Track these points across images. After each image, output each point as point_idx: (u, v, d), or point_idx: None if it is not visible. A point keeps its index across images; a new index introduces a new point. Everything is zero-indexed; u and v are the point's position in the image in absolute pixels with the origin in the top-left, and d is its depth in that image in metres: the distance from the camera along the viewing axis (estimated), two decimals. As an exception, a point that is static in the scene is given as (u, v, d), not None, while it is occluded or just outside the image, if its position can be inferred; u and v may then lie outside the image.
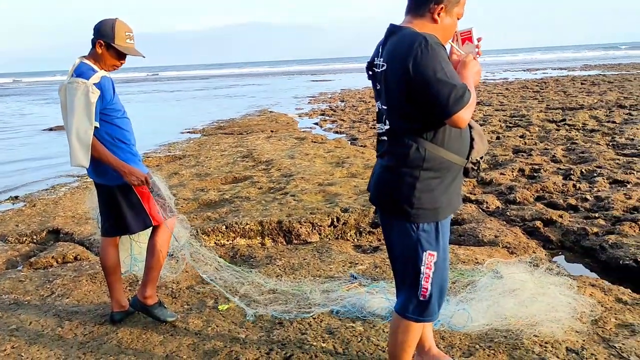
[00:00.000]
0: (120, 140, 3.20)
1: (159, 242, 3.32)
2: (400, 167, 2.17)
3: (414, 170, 2.14)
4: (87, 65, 3.13)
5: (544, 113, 12.92)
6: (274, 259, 4.45)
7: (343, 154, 8.64)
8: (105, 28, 3.14)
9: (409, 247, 2.21)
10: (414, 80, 2.02)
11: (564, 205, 5.80)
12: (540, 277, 3.57)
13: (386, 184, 2.25)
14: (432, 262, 2.20)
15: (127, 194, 3.22)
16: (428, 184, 2.15)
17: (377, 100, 2.29)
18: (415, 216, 2.16)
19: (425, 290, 2.22)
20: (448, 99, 1.99)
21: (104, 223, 3.40)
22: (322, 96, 24.45)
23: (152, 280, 3.36)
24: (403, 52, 2.04)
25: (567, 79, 24.37)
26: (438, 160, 2.14)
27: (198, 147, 10.80)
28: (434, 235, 2.20)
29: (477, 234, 4.90)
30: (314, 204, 5.61)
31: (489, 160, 8.07)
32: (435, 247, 2.20)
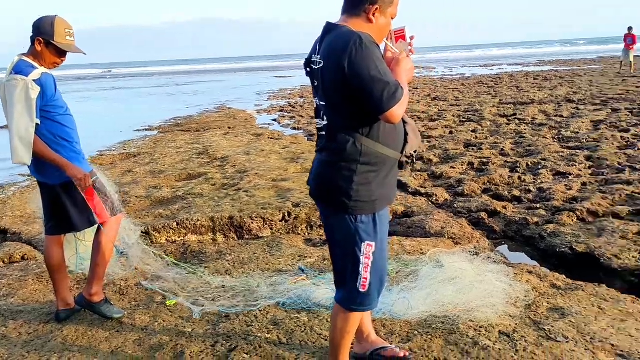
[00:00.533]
0: (62, 138, 3.19)
1: (104, 240, 3.32)
2: (338, 161, 2.25)
3: (351, 165, 2.22)
4: (26, 62, 3.10)
5: (496, 108, 13.27)
6: (224, 254, 4.49)
7: (298, 150, 8.71)
8: (45, 25, 3.12)
9: (348, 239, 2.29)
10: (349, 77, 2.10)
11: (508, 196, 6.02)
12: (479, 266, 3.74)
13: (325, 178, 2.32)
14: (370, 252, 2.29)
15: (70, 192, 3.21)
16: (365, 178, 2.24)
17: (315, 97, 2.37)
18: (353, 208, 2.25)
19: (365, 280, 2.31)
20: (381, 95, 2.08)
21: (48, 222, 3.38)
22: (282, 92, 24.45)
23: (98, 277, 3.36)
24: (339, 50, 2.11)
25: (521, 75, 25.02)
26: (374, 154, 2.23)
27: (154, 144, 10.69)
28: (372, 227, 2.29)
29: (424, 226, 5.05)
30: (266, 200, 5.67)
31: (440, 155, 8.27)
32: (374, 238, 2.29)
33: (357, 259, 2.29)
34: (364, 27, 2.20)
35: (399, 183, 6.72)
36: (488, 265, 3.75)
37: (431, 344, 2.88)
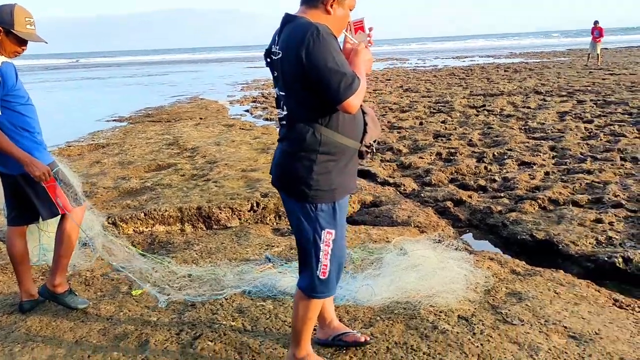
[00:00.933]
0: (23, 128, 3.15)
1: (67, 230, 3.30)
2: (298, 151, 2.29)
3: (310, 154, 2.26)
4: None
5: (466, 99, 13.44)
6: (192, 244, 4.50)
7: (269, 141, 8.72)
8: (3, 14, 3.06)
9: (309, 227, 2.34)
10: (307, 68, 2.13)
11: (474, 186, 6.14)
12: (442, 253, 3.82)
13: (285, 167, 2.36)
14: (330, 240, 2.34)
15: (31, 182, 3.18)
16: (325, 167, 2.28)
17: (275, 87, 2.40)
18: (313, 197, 2.29)
19: (324, 267, 2.36)
20: (338, 86, 2.13)
21: (10, 212, 3.35)
22: (256, 83, 24.33)
23: (61, 268, 3.34)
24: (297, 41, 2.15)
25: (492, 67, 25.33)
26: (333, 144, 2.27)
27: (123, 135, 10.57)
28: (332, 214, 2.33)
29: (391, 215, 5.13)
30: (235, 190, 5.68)
31: (410, 145, 8.37)
32: (333, 226, 2.34)
33: (318, 247, 2.34)
34: (322, 19, 2.24)
35: (368, 173, 6.82)
36: (450, 252, 3.83)
37: (392, 329, 2.96)
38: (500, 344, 2.77)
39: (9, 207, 3.33)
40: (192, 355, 2.79)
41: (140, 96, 20.54)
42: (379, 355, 2.70)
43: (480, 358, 2.64)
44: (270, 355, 2.76)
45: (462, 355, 2.67)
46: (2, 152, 3.06)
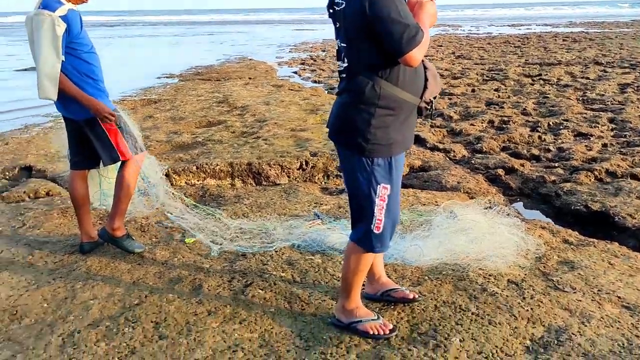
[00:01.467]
0: (87, 75, 3.24)
1: (127, 176, 3.41)
2: (357, 103, 2.28)
3: (369, 107, 2.25)
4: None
5: (521, 68, 13.03)
6: (242, 198, 4.58)
7: (318, 102, 8.70)
8: None
9: (365, 181, 2.34)
10: (370, 19, 2.11)
11: (527, 155, 6.00)
12: (492, 218, 3.76)
13: (343, 120, 2.36)
14: (385, 195, 2.34)
15: (94, 128, 3.28)
16: (383, 121, 2.27)
17: (337, 38, 2.38)
18: (370, 151, 2.29)
19: (379, 222, 2.37)
20: (401, 38, 2.09)
21: (73, 156, 3.48)
22: (304, 45, 24.19)
23: (120, 212, 3.47)
24: None
25: (550, 36, 24.39)
26: (392, 98, 2.25)
27: (174, 91, 10.74)
28: (388, 170, 2.33)
29: (440, 180, 5.08)
30: (284, 148, 5.73)
31: (461, 112, 8.21)
32: (389, 181, 2.34)
33: (373, 201, 2.34)
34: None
35: (417, 138, 6.73)
36: (501, 218, 3.78)
37: (440, 289, 2.96)
38: (550, 309, 2.74)
39: (73, 151, 3.46)
40: (244, 301, 2.88)
41: (190, 55, 20.73)
42: (427, 313, 2.72)
43: (530, 322, 2.63)
44: (319, 305, 2.82)
45: (512, 317, 2.66)
46: (68, 96, 3.16)
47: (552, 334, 2.52)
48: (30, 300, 2.93)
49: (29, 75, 14.66)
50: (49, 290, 3.03)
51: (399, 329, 2.57)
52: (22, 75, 15.00)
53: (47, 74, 3.05)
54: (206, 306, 2.83)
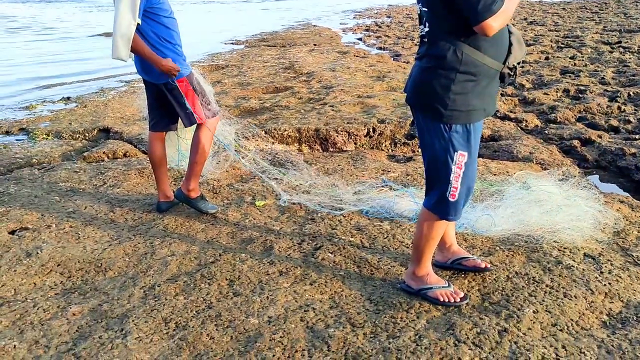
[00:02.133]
0: (166, 39, 3.32)
1: (202, 139, 3.51)
2: (437, 68, 2.24)
3: (450, 72, 2.21)
4: None
5: (599, 35, 12.34)
6: (310, 163, 4.63)
7: (384, 69, 8.58)
8: None
9: (442, 147, 2.31)
10: None
11: (605, 126, 5.73)
12: (568, 190, 3.64)
13: (422, 84, 2.32)
14: (462, 162, 2.30)
15: (172, 91, 3.38)
16: (463, 87, 2.22)
17: (419, 3, 2.34)
18: (448, 117, 2.25)
19: (455, 190, 2.33)
20: (477, 6, 2.03)
21: (152, 118, 3.60)
22: (368, 12, 23.79)
23: (195, 174, 3.58)
24: None
25: (631, 1, 22.89)
26: (474, 63, 2.19)
27: (241, 57, 10.86)
28: (466, 137, 2.28)
29: (512, 150, 4.95)
30: (351, 115, 5.71)
31: (534, 80, 7.90)
32: (466, 148, 2.29)
33: (449, 168, 2.31)
34: None
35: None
36: (577, 190, 3.65)
37: (512, 260, 2.92)
38: (630, 284, 2.65)
39: (152, 113, 3.58)
40: (314, 263, 2.94)
41: (255, 20, 20.81)
42: (498, 283, 2.69)
43: (608, 296, 2.55)
44: (388, 271, 2.84)
45: (588, 291, 2.59)
46: (143, 58, 3.25)
47: (631, 310, 2.45)
48: (113, 254, 3.10)
49: (103, 41, 15.18)
50: (130, 246, 3.19)
51: (470, 298, 2.56)
52: (96, 40, 15.53)
53: (122, 35, 3.11)
54: (277, 267, 2.90)
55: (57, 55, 12.70)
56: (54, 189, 4.12)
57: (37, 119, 6.41)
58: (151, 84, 3.44)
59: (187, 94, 3.40)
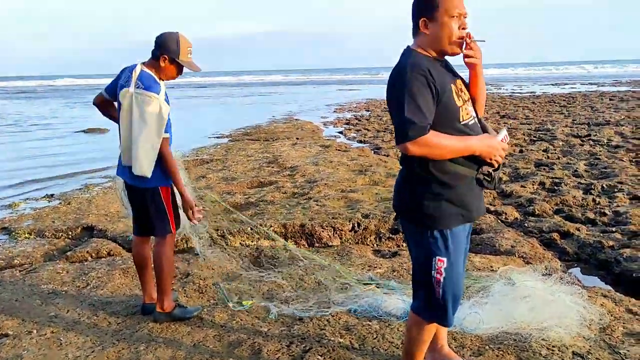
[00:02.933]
0: None
1: (167, 253, 3.46)
2: (412, 175, 2.34)
3: (423, 179, 2.29)
4: (151, 76, 3.27)
5: (569, 128, 12.92)
6: (296, 260, 4.64)
7: (366, 163, 8.81)
8: (171, 44, 3.28)
9: (421, 252, 2.36)
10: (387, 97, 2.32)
11: (582, 218, 5.89)
12: (552, 286, 3.69)
13: (401, 191, 2.42)
14: (442, 268, 2.31)
15: (155, 198, 3.39)
16: (437, 193, 2.28)
17: None
18: (424, 223, 2.31)
19: (437, 294, 2.35)
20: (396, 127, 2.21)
21: (134, 223, 3.58)
22: (348, 105, 24.67)
23: (166, 291, 3.48)
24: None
25: (596, 95, 24.16)
26: (445, 170, 2.26)
27: (225, 151, 11.08)
28: (443, 242, 2.30)
29: (494, 243, 5.03)
30: (336, 209, 5.80)
31: (510, 173, 8.16)
32: (446, 254, 2.31)
33: (429, 273, 2.33)
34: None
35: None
36: (561, 285, 3.70)
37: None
38: (621, 385, 2.65)
39: (134, 218, 3.56)
40: (304, 367, 2.89)
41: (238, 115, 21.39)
42: (490, 385, 2.66)
43: (600, 398, 2.54)
44: (380, 374, 2.80)
45: (581, 393, 2.58)
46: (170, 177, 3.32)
47: (625, 412, 2.43)
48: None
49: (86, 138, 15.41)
50: (114, 352, 3.12)
51: (463, 402, 2.53)
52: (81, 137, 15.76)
53: (146, 152, 3.18)
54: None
55: (41, 150, 12.83)
56: (35, 291, 4.05)
57: (19, 217, 6.38)
58: (136, 189, 3.42)
59: (167, 202, 3.43)
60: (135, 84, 3.23)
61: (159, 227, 3.44)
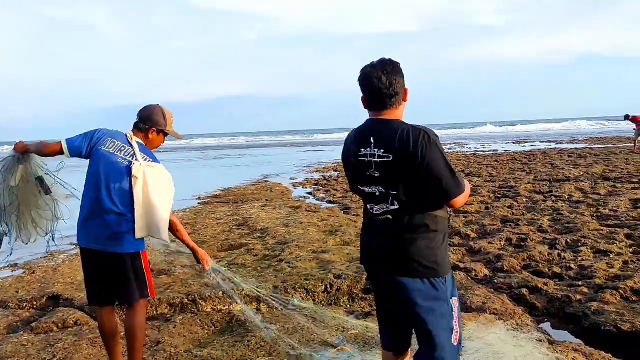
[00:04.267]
0: None
1: (141, 321, 3.45)
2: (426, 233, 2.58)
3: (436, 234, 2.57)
4: (146, 147, 3.46)
5: (531, 184, 13.32)
6: (270, 323, 4.59)
7: (336, 223, 8.88)
8: (158, 117, 3.48)
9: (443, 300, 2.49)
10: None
11: (549, 273, 6.02)
12: (522, 342, 3.75)
13: (409, 250, 2.58)
14: (457, 306, 2.55)
15: (135, 263, 3.38)
16: (444, 243, 2.58)
17: (371, 185, 2.61)
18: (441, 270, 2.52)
19: (456, 333, 2.52)
20: None
21: (96, 292, 3.48)
22: (316, 166, 24.96)
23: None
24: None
25: (555, 152, 25.06)
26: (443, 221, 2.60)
27: (194, 215, 11.01)
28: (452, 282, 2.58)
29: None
30: (308, 271, 5.81)
31: (477, 230, 8.32)
32: (457, 292, 2.60)
33: (452, 315, 2.49)
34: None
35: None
36: (532, 342, 3.76)
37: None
38: None
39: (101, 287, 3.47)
40: None
41: (207, 178, 21.40)
42: None
43: None
44: None
45: None
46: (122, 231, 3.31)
47: None
48: None
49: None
50: None
51: None
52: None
53: (166, 220, 3.34)
54: None
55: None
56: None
57: (-20, 287, 6.16)
58: (113, 255, 3.37)
59: (146, 266, 3.43)
60: (142, 155, 3.36)
61: (136, 293, 3.40)
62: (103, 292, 3.46)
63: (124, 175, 3.33)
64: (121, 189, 3.32)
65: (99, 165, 3.37)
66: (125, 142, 3.40)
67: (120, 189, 3.32)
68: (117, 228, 3.30)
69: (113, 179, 3.33)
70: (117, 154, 3.36)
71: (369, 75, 2.46)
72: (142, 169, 3.32)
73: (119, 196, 3.31)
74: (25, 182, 3.66)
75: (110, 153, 3.37)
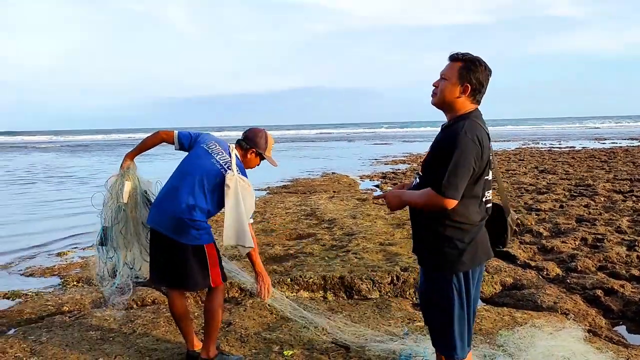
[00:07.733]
0: (209, 211, 3.62)
1: (216, 304, 3.60)
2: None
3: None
4: (241, 163, 3.64)
5: (610, 183, 12.72)
6: (336, 312, 4.68)
7: (404, 216, 8.84)
8: (260, 140, 3.71)
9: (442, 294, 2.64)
10: None
11: (626, 275, 5.77)
12: (595, 344, 3.65)
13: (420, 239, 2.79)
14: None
15: (199, 254, 3.52)
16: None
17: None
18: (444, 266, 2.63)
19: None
20: None
21: (164, 276, 3.62)
22: (384, 159, 24.85)
23: (213, 338, 3.62)
24: None
25: (638, 150, 23.76)
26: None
27: (264, 204, 11.27)
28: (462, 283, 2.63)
29: (536, 300, 4.97)
30: (374, 262, 5.85)
31: (550, 228, 8.07)
32: (463, 295, 2.64)
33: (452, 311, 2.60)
34: None
35: (506, 254, 6.66)
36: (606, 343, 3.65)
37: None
38: None
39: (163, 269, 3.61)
40: (345, 418, 2.91)
41: (275, 169, 21.73)
42: None
43: None
44: None
45: None
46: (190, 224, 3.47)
47: None
48: (144, 405, 3.10)
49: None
50: (160, 397, 3.20)
51: None
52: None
53: (246, 229, 3.46)
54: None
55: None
56: (84, 337, 4.20)
57: (68, 265, 6.63)
58: (179, 244, 3.47)
59: (211, 256, 3.56)
60: (236, 168, 3.53)
61: (197, 281, 3.56)
62: (167, 275, 3.60)
63: (212, 177, 3.50)
64: (204, 186, 3.48)
65: (194, 158, 3.57)
66: (225, 150, 3.61)
67: (203, 186, 3.48)
68: (185, 222, 3.44)
69: (201, 174, 3.50)
70: (214, 156, 3.56)
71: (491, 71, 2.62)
72: (235, 179, 3.47)
73: (199, 192, 3.47)
74: (134, 198, 3.84)
75: (208, 153, 3.57)
